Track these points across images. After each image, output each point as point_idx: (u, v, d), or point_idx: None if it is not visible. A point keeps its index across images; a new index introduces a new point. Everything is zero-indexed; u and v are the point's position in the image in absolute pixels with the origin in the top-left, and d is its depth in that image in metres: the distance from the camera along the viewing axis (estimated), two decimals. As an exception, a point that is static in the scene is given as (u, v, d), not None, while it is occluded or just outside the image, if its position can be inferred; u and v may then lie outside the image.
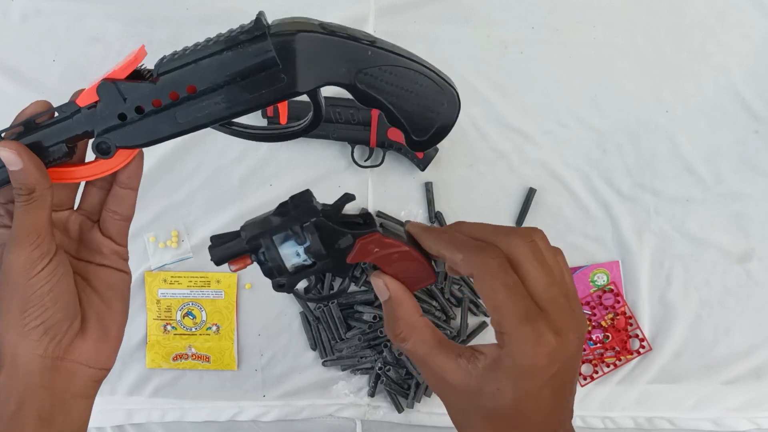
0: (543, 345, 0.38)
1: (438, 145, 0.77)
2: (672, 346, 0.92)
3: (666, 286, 0.92)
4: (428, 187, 0.91)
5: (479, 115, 0.92)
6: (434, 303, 0.91)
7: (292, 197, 0.48)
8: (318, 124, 0.48)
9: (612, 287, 0.92)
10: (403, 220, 0.92)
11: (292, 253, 0.47)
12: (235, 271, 0.48)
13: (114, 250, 0.50)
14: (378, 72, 0.45)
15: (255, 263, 0.48)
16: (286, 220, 0.47)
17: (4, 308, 0.44)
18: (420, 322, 0.42)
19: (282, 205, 0.48)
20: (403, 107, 0.47)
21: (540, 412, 0.39)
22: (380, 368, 0.89)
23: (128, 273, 0.51)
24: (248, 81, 0.43)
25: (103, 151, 0.46)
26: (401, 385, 0.90)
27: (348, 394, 0.92)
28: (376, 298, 0.89)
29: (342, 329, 0.90)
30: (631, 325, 0.92)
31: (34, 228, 0.44)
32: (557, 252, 0.42)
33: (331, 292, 0.87)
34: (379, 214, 0.92)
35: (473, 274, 0.40)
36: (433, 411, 0.91)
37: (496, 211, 0.92)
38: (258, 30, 0.42)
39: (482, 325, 0.92)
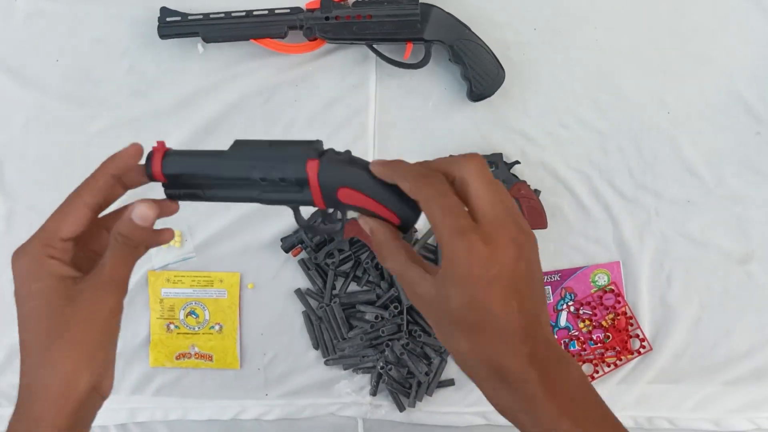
0: (474, 253, 0.42)
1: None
2: (672, 347, 0.92)
3: (667, 288, 0.93)
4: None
5: (481, 116, 0.92)
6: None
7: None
8: (425, 64, 0.89)
9: (613, 287, 0.92)
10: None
11: None
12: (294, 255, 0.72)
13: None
14: (467, 42, 0.88)
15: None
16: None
17: (76, 339, 0.46)
18: (395, 243, 0.47)
19: None
20: (474, 67, 0.88)
21: (495, 315, 0.42)
22: (382, 367, 0.89)
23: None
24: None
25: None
26: (403, 384, 0.91)
27: (350, 393, 0.92)
28: (378, 297, 0.90)
29: (344, 328, 0.90)
30: (631, 325, 0.92)
31: (126, 276, 0.47)
32: (467, 160, 0.46)
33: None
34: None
35: (419, 200, 0.45)
36: (434, 410, 0.92)
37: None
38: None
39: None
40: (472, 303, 0.42)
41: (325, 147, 0.50)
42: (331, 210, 0.51)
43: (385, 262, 0.47)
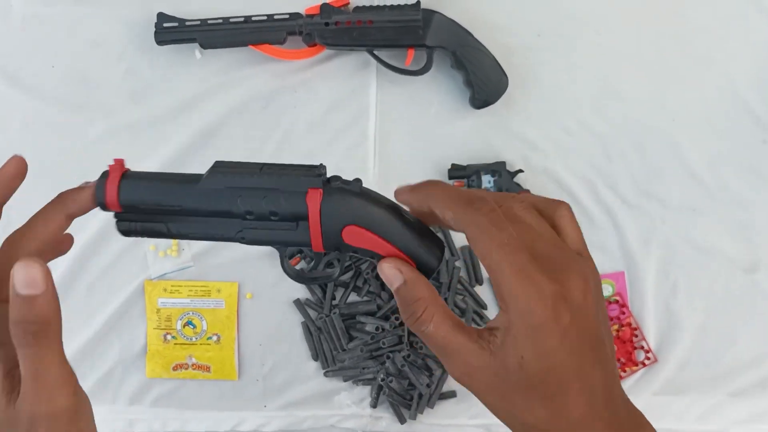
0: (543, 294, 0.34)
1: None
2: (677, 358, 0.91)
3: (671, 296, 0.91)
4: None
5: (484, 123, 0.91)
6: (437, 313, 0.89)
7: None
8: (427, 70, 0.88)
9: (617, 298, 0.91)
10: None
11: None
12: (293, 265, 0.59)
13: None
14: (469, 49, 0.86)
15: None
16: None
17: None
18: (439, 301, 0.38)
19: None
20: (477, 74, 0.87)
21: (570, 372, 0.35)
22: (383, 379, 0.87)
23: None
24: None
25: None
26: (404, 396, 0.89)
27: (350, 405, 0.91)
28: (379, 307, 0.88)
29: (344, 339, 0.89)
30: (636, 336, 0.91)
31: (61, 373, 0.37)
32: (561, 203, 0.39)
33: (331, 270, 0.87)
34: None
35: (465, 233, 0.37)
36: (436, 422, 0.90)
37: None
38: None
39: (486, 336, 0.91)
40: (549, 358, 0.35)
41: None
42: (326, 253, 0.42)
43: (423, 326, 0.37)
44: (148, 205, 0.42)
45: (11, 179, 0.43)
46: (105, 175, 0.42)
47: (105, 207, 0.42)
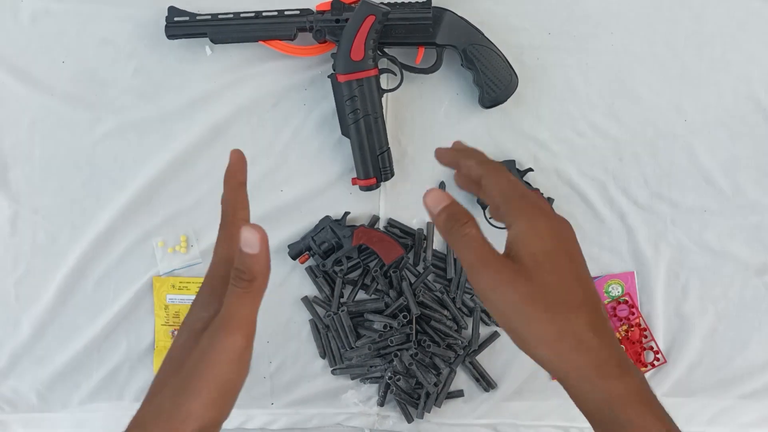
0: (541, 215, 0.44)
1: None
2: (687, 359, 0.91)
3: (682, 298, 0.91)
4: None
5: (494, 122, 0.90)
6: (446, 312, 0.89)
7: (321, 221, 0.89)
8: (437, 69, 0.88)
9: (627, 298, 0.90)
10: (415, 228, 0.90)
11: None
12: (302, 262, 0.88)
13: None
14: (479, 48, 0.86)
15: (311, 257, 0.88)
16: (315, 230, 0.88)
17: (193, 386, 0.43)
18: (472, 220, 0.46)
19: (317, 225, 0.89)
20: (486, 73, 0.86)
21: (579, 291, 0.43)
22: (390, 377, 0.87)
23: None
24: None
25: None
26: (411, 394, 0.89)
27: (357, 404, 0.91)
28: (387, 305, 0.88)
29: (352, 337, 0.88)
30: (645, 337, 0.90)
31: (247, 318, 0.43)
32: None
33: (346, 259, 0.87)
34: (391, 221, 0.91)
35: (482, 174, 0.47)
36: (443, 421, 0.90)
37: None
38: None
39: (494, 335, 0.90)
40: (550, 260, 0.43)
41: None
42: None
43: (468, 228, 0.45)
44: None
45: (243, 166, 0.50)
46: None
47: None
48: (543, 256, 0.43)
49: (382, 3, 0.85)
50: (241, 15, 0.87)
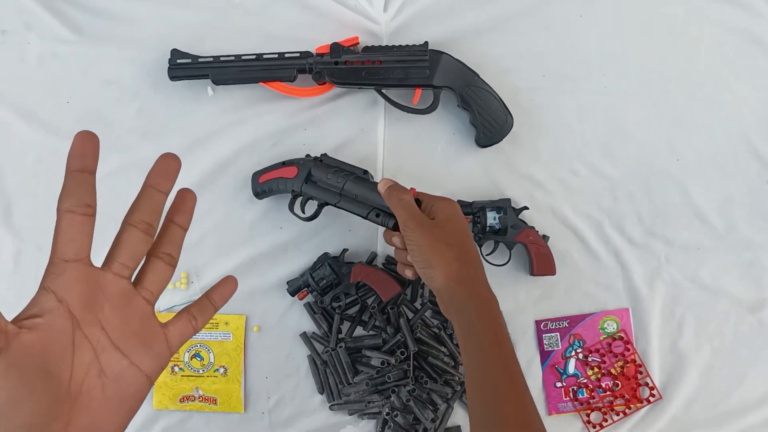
0: (444, 199, 0.76)
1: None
2: (683, 395, 0.91)
3: (677, 335, 0.92)
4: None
5: (490, 161, 0.92)
6: (443, 349, 0.90)
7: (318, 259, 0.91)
8: (434, 109, 0.90)
9: (622, 335, 0.91)
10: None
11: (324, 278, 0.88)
12: (300, 299, 0.91)
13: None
14: (475, 89, 0.88)
15: (309, 293, 0.89)
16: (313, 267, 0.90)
17: None
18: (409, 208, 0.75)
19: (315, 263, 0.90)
20: (482, 114, 0.89)
21: (467, 238, 0.74)
22: (388, 413, 0.88)
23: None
24: None
25: None
26: (409, 430, 0.89)
27: (355, 439, 0.91)
28: (384, 342, 0.89)
29: (350, 373, 0.89)
30: (641, 373, 0.91)
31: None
32: None
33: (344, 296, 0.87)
34: (389, 258, 0.92)
35: (391, 206, 0.77)
36: (440, 458, 0.91)
37: (506, 257, 0.92)
38: None
39: (491, 372, 0.91)
40: (458, 230, 0.73)
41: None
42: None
43: (403, 193, 0.76)
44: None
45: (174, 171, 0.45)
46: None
47: None
48: (446, 217, 0.73)
49: (382, 46, 0.88)
50: (243, 57, 0.89)
